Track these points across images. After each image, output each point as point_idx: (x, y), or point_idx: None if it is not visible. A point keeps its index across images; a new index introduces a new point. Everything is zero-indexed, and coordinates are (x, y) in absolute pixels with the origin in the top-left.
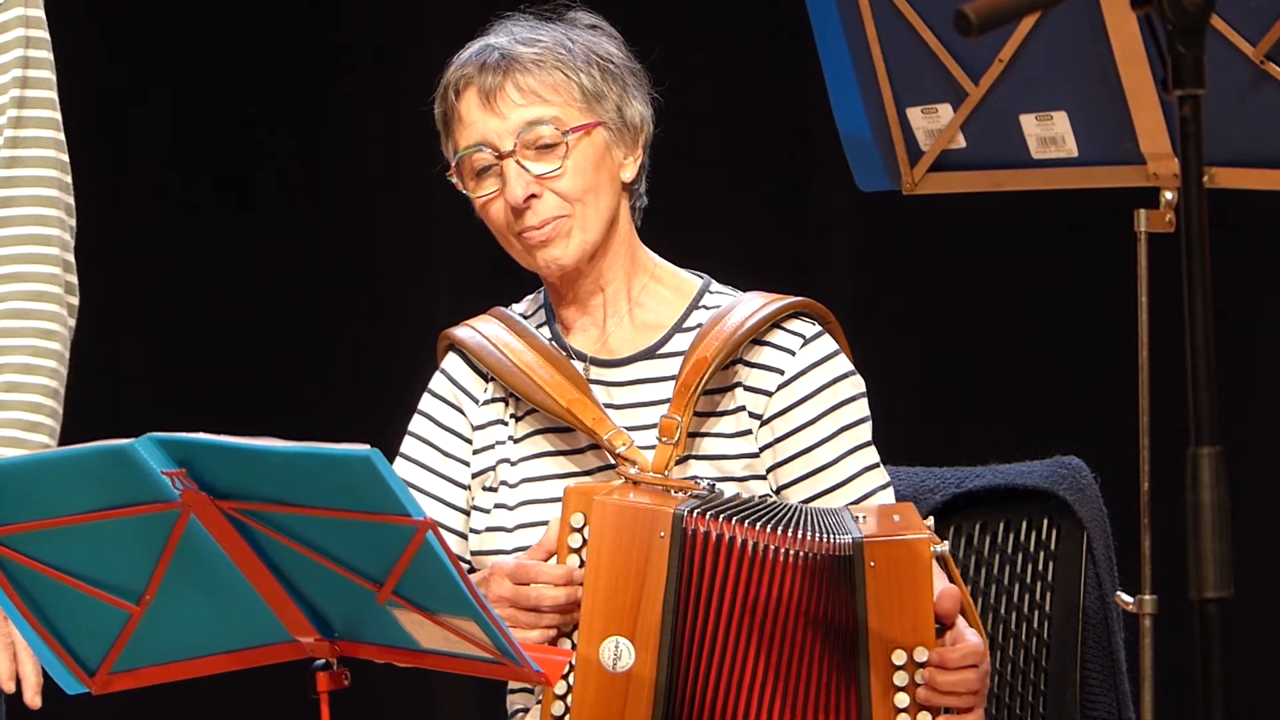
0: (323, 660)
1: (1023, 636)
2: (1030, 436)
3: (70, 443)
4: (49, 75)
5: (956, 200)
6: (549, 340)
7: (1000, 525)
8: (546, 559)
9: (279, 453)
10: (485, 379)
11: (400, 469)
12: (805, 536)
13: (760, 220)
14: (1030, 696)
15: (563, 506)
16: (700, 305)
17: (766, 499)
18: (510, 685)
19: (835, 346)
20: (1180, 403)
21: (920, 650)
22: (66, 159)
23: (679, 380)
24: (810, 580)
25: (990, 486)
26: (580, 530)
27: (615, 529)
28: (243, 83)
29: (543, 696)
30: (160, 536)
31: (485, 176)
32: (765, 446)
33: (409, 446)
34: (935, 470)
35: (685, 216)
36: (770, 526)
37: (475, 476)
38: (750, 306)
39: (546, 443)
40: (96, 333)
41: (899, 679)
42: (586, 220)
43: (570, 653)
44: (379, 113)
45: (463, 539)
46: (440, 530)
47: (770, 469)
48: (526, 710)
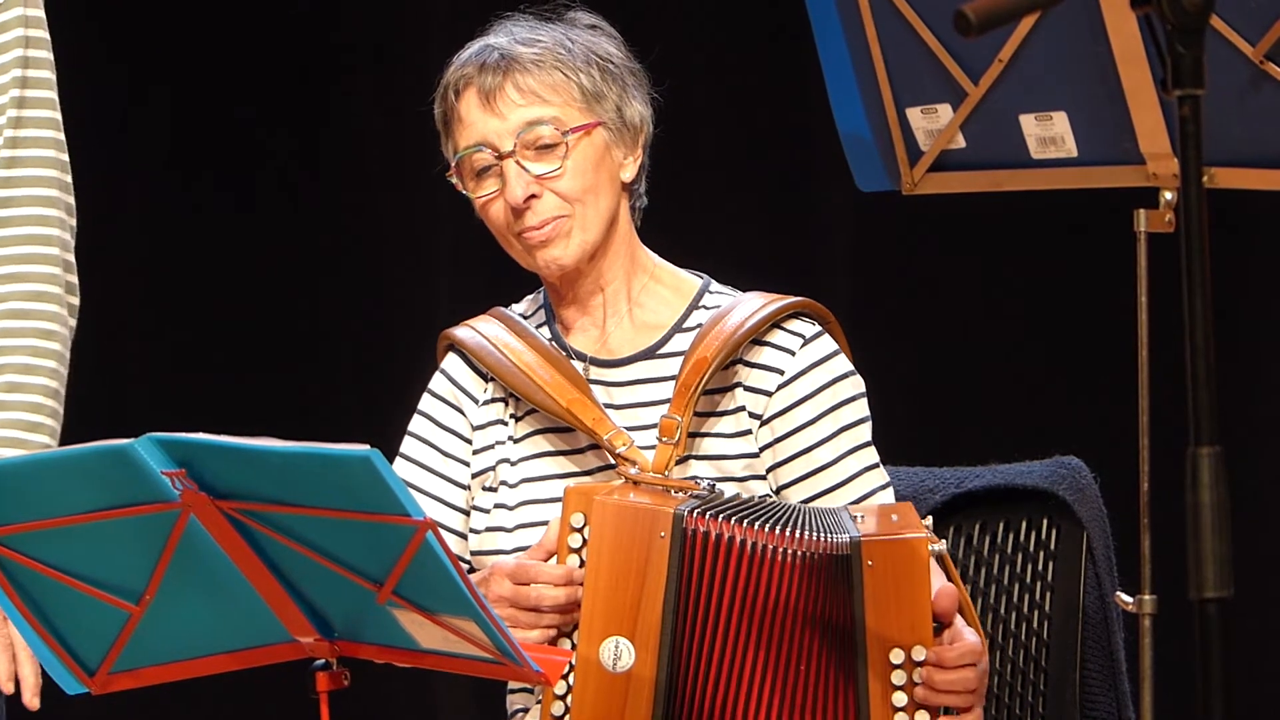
0: (323, 660)
1: (1023, 636)
2: (1030, 436)
3: (70, 443)
4: (49, 75)
5: (956, 200)
6: (549, 340)
7: (1000, 525)
8: (546, 559)
9: (279, 453)
10: (485, 379)
11: (400, 469)
12: (804, 536)
13: (760, 220)
14: (1030, 696)
15: (563, 506)
16: (700, 305)
17: (766, 499)
18: (510, 685)
19: (835, 346)
20: (1180, 403)
21: (918, 649)
22: (67, 159)
23: (679, 380)
24: (809, 579)
25: (990, 486)
26: (580, 530)
27: (615, 529)
28: (243, 82)
29: (543, 696)
30: (160, 536)
31: (485, 177)
32: (765, 446)
33: (409, 446)
34: (935, 470)
35: (685, 216)
36: (769, 526)
37: (475, 477)
38: (750, 307)
39: (546, 443)
40: (96, 332)
41: (897, 678)
42: (586, 220)
43: (570, 653)
44: (379, 113)
45: (462, 539)
46: (440, 530)
47: (770, 469)
48: (526, 710)
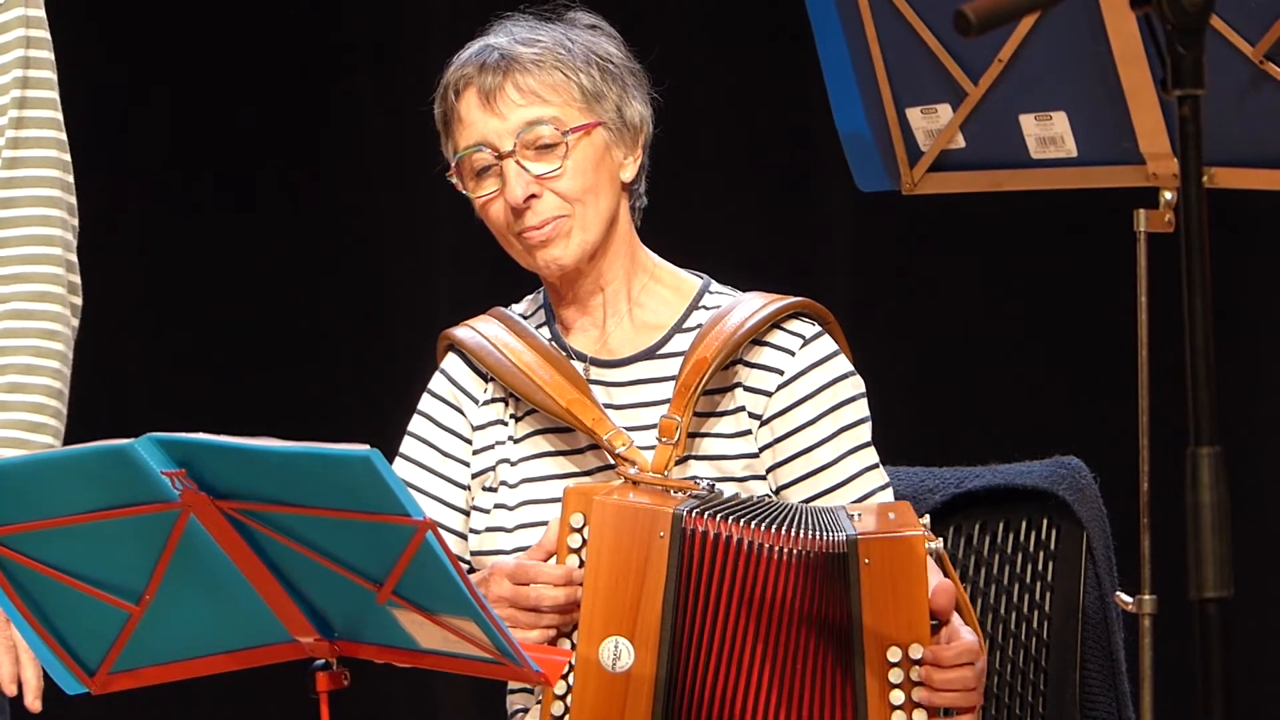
0: (322, 660)
1: (1022, 636)
2: (1030, 436)
3: (70, 443)
4: (50, 75)
5: (956, 200)
6: (549, 340)
7: (1000, 525)
8: (546, 559)
9: (279, 453)
10: (485, 379)
11: (400, 469)
12: (802, 535)
13: (760, 220)
14: (1030, 696)
15: (562, 506)
16: (700, 305)
17: (765, 499)
18: (510, 685)
19: (835, 347)
20: (1180, 403)
21: (915, 647)
22: (68, 159)
23: (679, 380)
24: (807, 578)
25: (990, 486)
26: (580, 530)
27: (615, 529)
28: (243, 83)
29: (542, 696)
30: (160, 536)
31: (485, 177)
32: (765, 447)
33: (409, 447)
34: (935, 470)
35: (685, 216)
36: (768, 525)
37: (475, 477)
38: (750, 307)
39: (546, 443)
40: (96, 333)
41: (894, 676)
42: (586, 220)
43: (570, 653)
44: (379, 112)
45: (462, 539)
46: (440, 530)
47: (770, 469)
48: (526, 710)
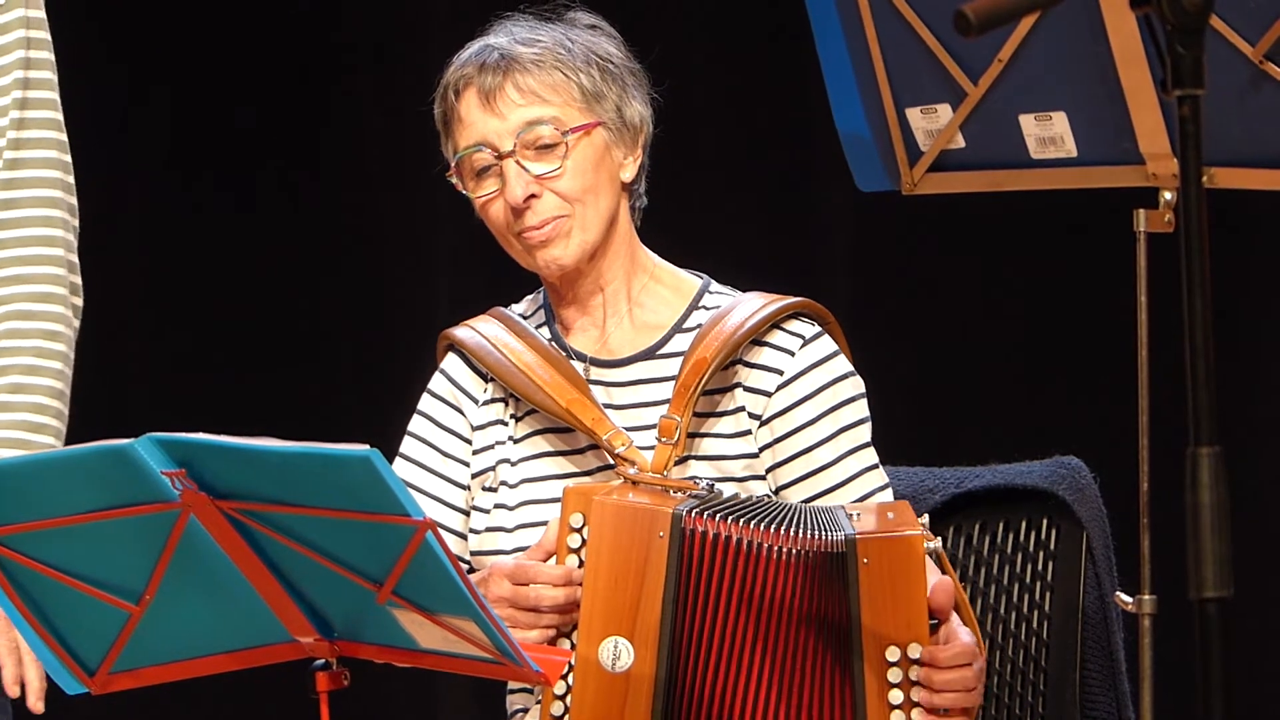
0: (322, 660)
1: (1022, 636)
2: (1030, 436)
3: (71, 443)
4: (51, 75)
5: (956, 200)
6: (549, 340)
7: (1000, 525)
8: (545, 559)
9: (279, 453)
10: (485, 379)
11: (400, 469)
12: (801, 534)
13: (760, 220)
14: (1030, 696)
15: (562, 507)
16: (700, 305)
17: (765, 499)
18: (510, 685)
19: (835, 347)
20: (1180, 403)
21: (914, 646)
22: (69, 159)
23: (679, 381)
24: (806, 577)
25: (990, 486)
26: (579, 530)
27: (614, 529)
28: (243, 83)
29: (542, 696)
30: (160, 536)
31: (485, 177)
32: (765, 447)
33: (408, 447)
34: (935, 470)
35: (685, 216)
36: (767, 525)
37: (475, 477)
38: (750, 307)
39: (546, 443)
40: (97, 333)
41: (893, 675)
42: (586, 220)
43: (569, 653)
44: (379, 112)
45: (462, 539)
46: (440, 530)
47: (770, 469)
48: (526, 710)
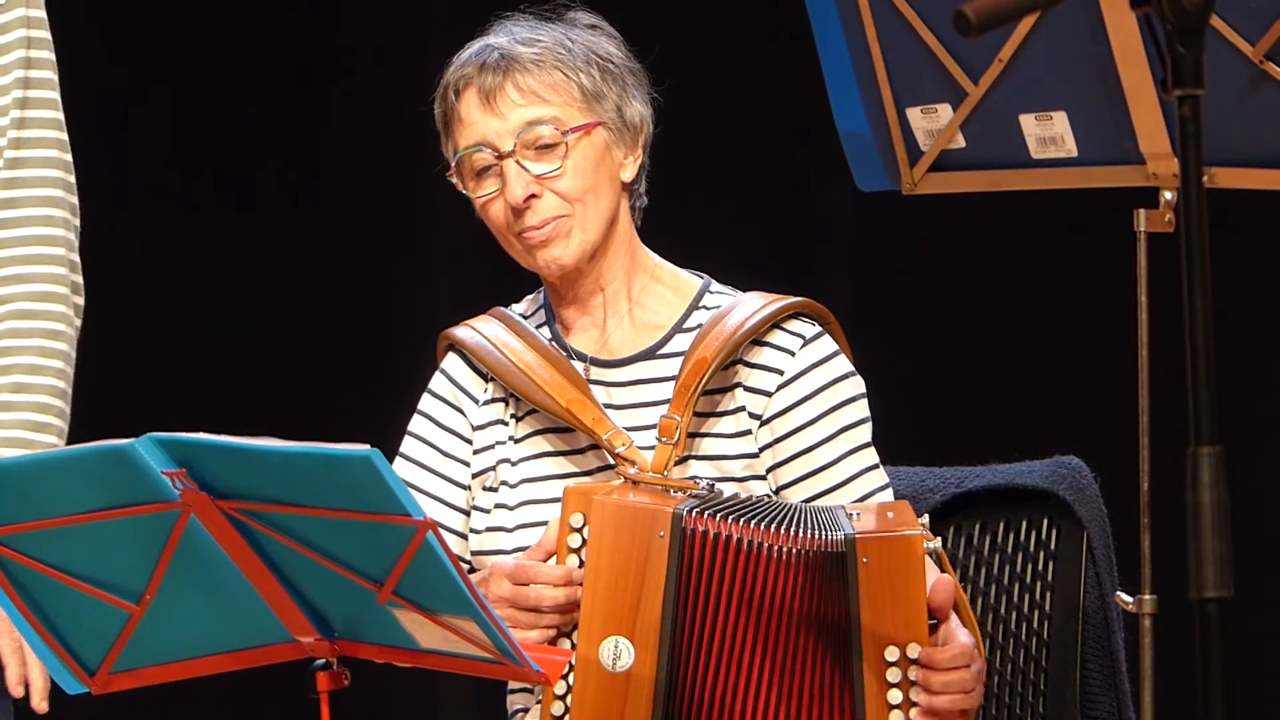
0: (323, 660)
1: (1023, 636)
2: (1030, 436)
3: (71, 442)
4: (51, 76)
5: (956, 200)
6: (549, 340)
7: (1000, 525)
8: (546, 559)
9: (279, 453)
10: (485, 379)
11: (400, 469)
12: (801, 534)
13: (760, 220)
14: (1030, 696)
15: (562, 506)
16: (700, 305)
17: (765, 498)
18: (510, 685)
19: (835, 347)
20: (1180, 403)
21: (913, 646)
22: (70, 159)
23: (679, 380)
24: (805, 577)
25: (990, 486)
26: (580, 530)
27: (615, 529)
28: (243, 83)
29: (542, 696)
30: (160, 536)
31: (485, 176)
32: (765, 447)
33: (409, 446)
34: (935, 470)
35: (685, 216)
36: (767, 524)
37: (475, 476)
38: (750, 307)
39: (546, 443)
40: (97, 333)
41: (892, 675)
42: (586, 220)
43: (570, 653)
44: (379, 113)
45: (462, 539)
46: (440, 530)
47: (770, 469)
48: (526, 710)
